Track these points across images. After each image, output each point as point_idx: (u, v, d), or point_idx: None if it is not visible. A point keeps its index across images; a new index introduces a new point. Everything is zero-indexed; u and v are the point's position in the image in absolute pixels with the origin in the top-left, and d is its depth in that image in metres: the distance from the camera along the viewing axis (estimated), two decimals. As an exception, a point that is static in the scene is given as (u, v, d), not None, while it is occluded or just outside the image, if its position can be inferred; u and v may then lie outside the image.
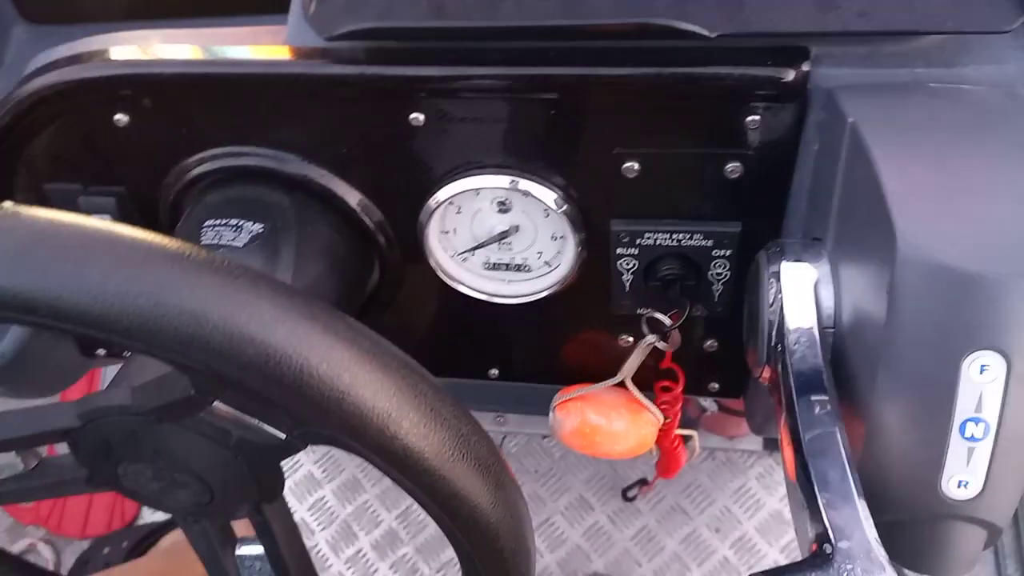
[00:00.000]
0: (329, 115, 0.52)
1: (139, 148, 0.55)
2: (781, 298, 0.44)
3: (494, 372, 0.67)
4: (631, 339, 0.62)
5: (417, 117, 0.51)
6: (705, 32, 0.45)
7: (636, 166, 0.51)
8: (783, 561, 1.20)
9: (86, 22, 0.72)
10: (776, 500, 1.23)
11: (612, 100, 0.49)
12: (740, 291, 0.55)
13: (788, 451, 0.41)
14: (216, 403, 0.38)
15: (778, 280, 0.45)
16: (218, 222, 0.53)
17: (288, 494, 1.19)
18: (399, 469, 0.33)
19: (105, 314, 0.29)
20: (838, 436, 0.39)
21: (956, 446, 0.37)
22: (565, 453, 1.27)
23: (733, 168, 0.50)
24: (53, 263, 0.29)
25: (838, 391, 0.42)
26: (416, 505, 0.36)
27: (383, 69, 0.49)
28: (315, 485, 1.28)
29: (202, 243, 0.52)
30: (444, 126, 0.51)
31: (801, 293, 0.44)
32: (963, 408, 0.36)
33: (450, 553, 0.41)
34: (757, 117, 0.48)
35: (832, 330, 0.44)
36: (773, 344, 0.45)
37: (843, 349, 0.43)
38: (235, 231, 0.52)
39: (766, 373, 0.46)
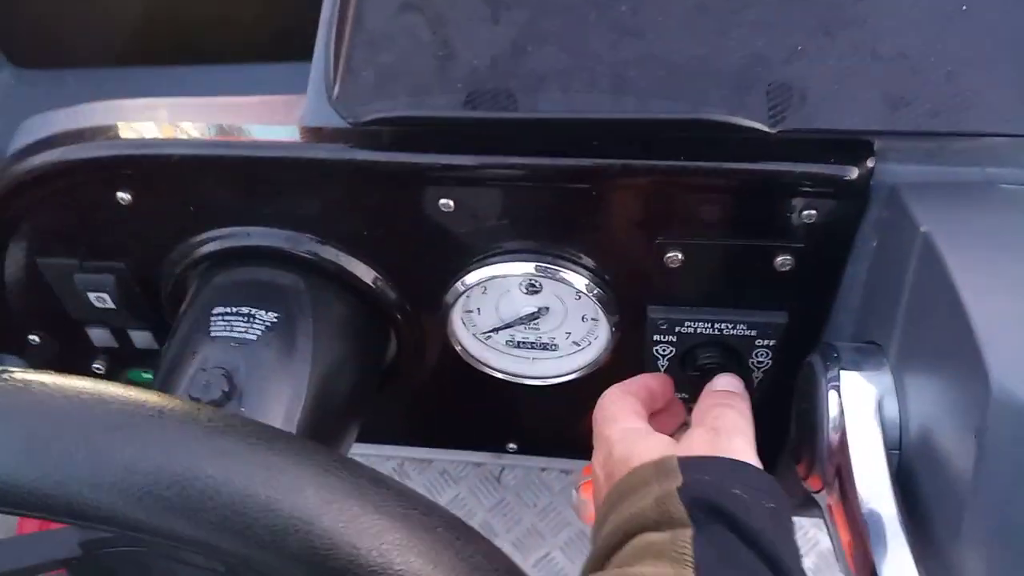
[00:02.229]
0: (350, 198, 0.48)
1: (142, 225, 0.51)
2: (843, 416, 0.41)
3: (512, 447, 0.64)
4: (661, 419, 0.59)
5: (447, 204, 0.47)
6: (765, 128, 0.41)
7: (680, 256, 0.48)
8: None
9: (76, 66, 0.68)
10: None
11: (658, 192, 0.45)
12: (779, 378, 0.52)
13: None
14: None
15: (838, 392, 0.42)
16: (228, 310, 0.49)
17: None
18: None
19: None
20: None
21: (1045, 604, 0.34)
22: (565, 487, 1.23)
23: (783, 261, 0.47)
24: None
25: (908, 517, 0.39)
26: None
27: (413, 157, 0.45)
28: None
29: (212, 334, 0.48)
30: (475, 212, 0.47)
31: (866, 412, 0.41)
32: (1057, 566, 0.34)
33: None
34: (814, 211, 0.44)
35: (897, 452, 0.41)
36: (833, 461, 0.42)
37: (912, 473, 0.40)
38: (247, 321, 0.48)
39: (827, 494, 0.43)
